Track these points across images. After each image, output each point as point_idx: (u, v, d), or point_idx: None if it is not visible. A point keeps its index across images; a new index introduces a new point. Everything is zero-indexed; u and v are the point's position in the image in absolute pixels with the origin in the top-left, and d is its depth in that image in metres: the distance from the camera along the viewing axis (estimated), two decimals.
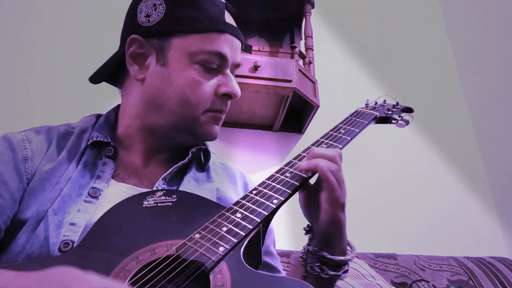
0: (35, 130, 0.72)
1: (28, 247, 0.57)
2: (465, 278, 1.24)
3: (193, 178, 0.73)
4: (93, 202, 0.63)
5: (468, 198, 1.79)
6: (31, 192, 0.62)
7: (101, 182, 0.66)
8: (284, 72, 1.53)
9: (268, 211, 0.57)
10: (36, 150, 0.67)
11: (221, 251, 0.50)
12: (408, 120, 0.84)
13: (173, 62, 0.68)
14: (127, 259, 0.50)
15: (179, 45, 0.68)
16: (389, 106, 0.86)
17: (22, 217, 0.60)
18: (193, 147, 0.75)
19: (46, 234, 0.57)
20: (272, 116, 1.70)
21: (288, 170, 0.64)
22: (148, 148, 0.74)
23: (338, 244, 0.63)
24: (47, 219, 0.59)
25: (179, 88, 0.68)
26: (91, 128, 0.73)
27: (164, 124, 0.71)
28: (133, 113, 0.73)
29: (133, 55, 0.71)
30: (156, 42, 0.69)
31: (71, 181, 0.64)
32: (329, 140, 0.71)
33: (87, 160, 0.68)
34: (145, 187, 0.69)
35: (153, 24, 0.68)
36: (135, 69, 0.71)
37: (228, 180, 0.80)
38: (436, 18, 2.31)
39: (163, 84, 0.69)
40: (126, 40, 0.70)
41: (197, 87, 0.68)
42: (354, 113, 0.81)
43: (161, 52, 0.69)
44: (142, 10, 0.70)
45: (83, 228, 0.59)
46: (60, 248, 0.57)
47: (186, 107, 0.69)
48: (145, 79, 0.70)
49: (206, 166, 0.77)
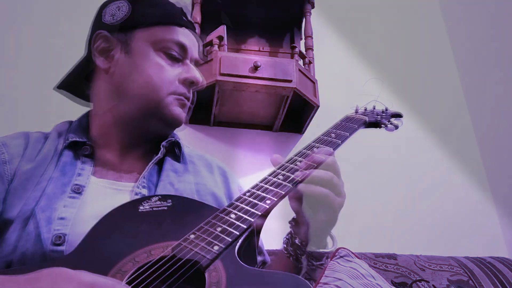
0: (10, 136, 0.75)
1: (20, 245, 0.58)
2: (465, 278, 1.24)
3: (171, 170, 0.76)
4: (77, 197, 0.65)
5: (468, 198, 1.79)
6: (14, 192, 0.64)
7: (82, 180, 0.68)
8: (284, 72, 1.54)
9: (261, 211, 0.58)
10: (14, 153, 0.70)
11: (215, 250, 0.51)
12: (397, 125, 0.89)
13: (137, 50, 0.74)
14: (124, 261, 0.50)
15: (143, 35, 0.74)
16: (378, 111, 0.90)
17: (7, 216, 0.62)
18: (164, 140, 0.79)
19: (37, 231, 0.59)
20: (272, 116, 1.70)
21: (281, 173, 0.66)
22: (123, 144, 0.77)
23: (323, 238, 0.67)
24: (35, 216, 0.60)
25: (143, 72, 0.72)
26: (66, 132, 0.76)
27: (132, 110, 0.74)
28: (103, 109, 0.77)
29: (98, 49, 0.76)
30: (121, 36, 0.74)
31: (53, 180, 0.66)
32: (320, 143, 0.73)
33: (66, 160, 0.70)
34: (125, 181, 0.71)
35: (117, 20, 0.74)
36: (101, 60, 0.76)
37: (204, 169, 0.83)
38: (436, 18, 2.31)
39: (128, 70, 0.73)
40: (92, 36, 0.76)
41: (160, 71, 0.73)
42: (344, 119, 0.84)
43: (125, 43, 0.74)
44: (107, 12, 0.76)
45: (72, 221, 0.61)
46: (53, 242, 0.58)
47: (150, 89, 0.73)
48: (111, 69, 0.75)
49: (182, 157, 0.80)
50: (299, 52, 1.68)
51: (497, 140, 1.86)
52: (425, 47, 2.18)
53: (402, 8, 2.27)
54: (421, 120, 1.88)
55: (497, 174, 1.83)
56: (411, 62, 2.11)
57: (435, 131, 1.92)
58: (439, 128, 1.95)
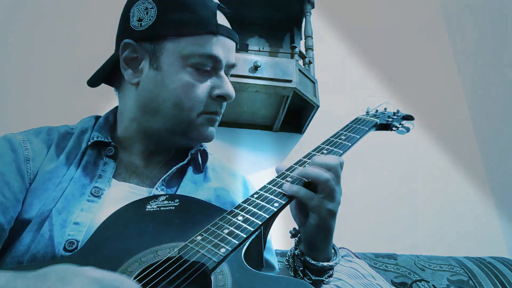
0: (35, 131, 0.72)
1: (33, 246, 0.57)
2: (465, 278, 1.24)
3: (191, 181, 0.74)
4: (95, 201, 0.63)
5: (468, 198, 1.80)
6: (34, 192, 0.63)
7: (103, 182, 0.67)
8: (284, 72, 1.54)
9: (269, 214, 0.57)
10: (37, 151, 0.68)
11: (222, 252, 0.50)
12: (408, 128, 0.85)
13: (166, 66, 0.68)
14: (130, 261, 0.50)
15: (172, 48, 0.68)
16: (389, 113, 0.87)
17: (26, 216, 0.60)
18: (192, 149, 0.76)
19: (51, 234, 0.58)
20: (272, 116, 1.70)
21: (289, 175, 0.65)
22: (147, 149, 0.74)
23: (324, 250, 0.63)
24: (51, 218, 0.59)
25: (173, 92, 0.68)
26: (91, 129, 0.74)
27: (160, 127, 0.71)
28: (130, 116, 0.74)
29: (126, 59, 0.71)
30: (149, 46, 0.69)
31: (74, 180, 0.65)
32: (330, 146, 0.71)
33: (88, 160, 0.69)
34: (147, 186, 0.70)
35: (145, 28, 0.69)
36: (129, 73, 0.71)
37: (226, 177, 0.81)
38: (436, 18, 2.31)
39: (157, 88, 0.69)
40: (120, 45, 0.71)
41: (191, 90, 0.68)
42: (355, 120, 0.82)
43: (154, 56, 0.69)
44: (135, 14, 0.70)
45: (87, 227, 0.60)
46: (65, 247, 0.57)
47: (180, 110, 0.69)
48: (139, 83, 0.71)
49: (204, 167, 0.78)
50: (299, 52, 1.68)
51: (497, 140, 1.86)
52: (426, 46, 2.19)
53: (402, 8, 2.27)
54: (422, 120, 1.89)
55: (497, 174, 1.84)
56: (411, 62, 2.12)
57: (435, 131, 1.93)
58: (440, 128, 1.95)
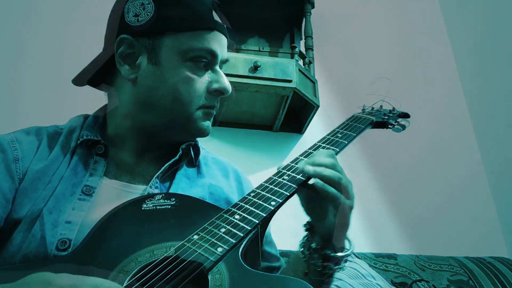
0: (24, 131, 0.72)
1: (24, 246, 0.57)
2: (465, 278, 1.24)
3: (184, 176, 0.74)
4: (87, 199, 0.63)
5: (468, 198, 1.79)
6: (24, 191, 0.63)
7: (94, 180, 0.67)
8: (284, 72, 1.54)
9: (267, 213, 0.57)
10: (26, 150, 0.68)
11: (219, 252, 0.50)
12: (404, 125, 0.86)
13: (165, 61, 0.69)
14: (126, 260, 0.50)
15: (170, 44, 0.69)
16: (385, 111, 0.88)
17: (16, 216, 0.60)
18: (183, 144, 0.76)
19: (42, 233, 0.58)
20: (272, 116, 1.70)
21: (286, 173, 0.65)
22: (139, 146, 0.75)
23: (340, 241, 0.65)
24: (42, 218, 0.59)
25: (173, 86, 0.69)
26: (80, 128, 0.74)
27: (156, 123, 0.72)
28: (123, 113, 0.74)
29: (122, 55, 0.71)
30: (147, 42, 0.69)
31: (64, 179, 0.65)
32: (326, 143, 0.72)
33: (78, 159, 0.69)
34: (138, 183, 0.70)
35: (142, 23, 0.69)
36: (126, 69, 0.71)
37: (219, 173, 0.81)
38: (436, 18, 2.31)
39: (156, 83, 0.69)
40: (114, 41, 0.70)
41: (190, 84, 0.70)
42: (351, 118, 0.82)
43: (153, 51, 0.69)
44: (130, 9, 0.70)
45: (79, 226, 0.59)
46: (57, 247, 0.57)
47: (180, 105, 0.70)
48: (137, 79, 0.71)
49: (197, 161, 0.78)
50: (299, 52, 1.68)
51: (497, 140, 1.86)
52: (426, 46, 2.18)
53: (402, 8, 2.27)
54: (421, 120, 1.88)
55: (497, 174, 1.83)
56: (411, 62, 2.11)
57: (434, 131, 1.93)
58: (439, 128, 1.95)
